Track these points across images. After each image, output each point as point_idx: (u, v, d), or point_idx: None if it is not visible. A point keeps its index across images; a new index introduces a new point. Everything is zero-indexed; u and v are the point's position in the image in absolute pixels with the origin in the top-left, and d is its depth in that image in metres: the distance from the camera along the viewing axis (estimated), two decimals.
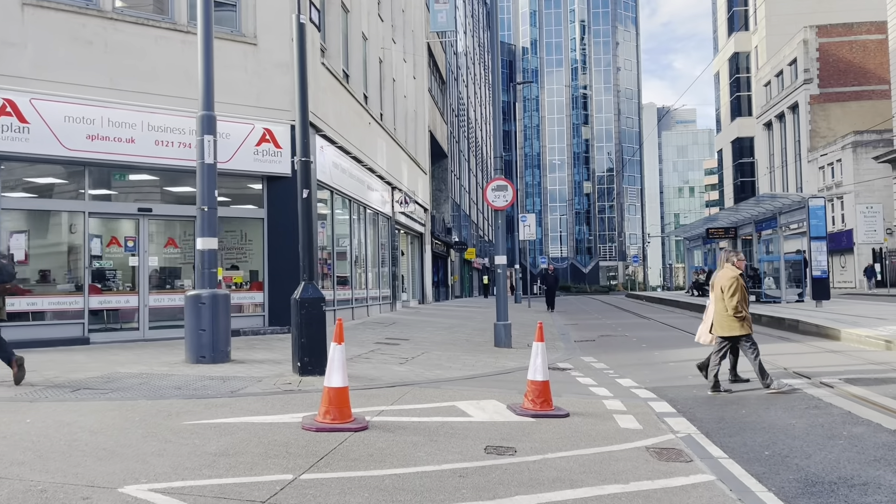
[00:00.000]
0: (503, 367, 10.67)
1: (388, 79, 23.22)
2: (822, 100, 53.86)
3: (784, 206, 22.85)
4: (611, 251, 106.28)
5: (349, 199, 18.07)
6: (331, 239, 16.79)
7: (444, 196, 38.90)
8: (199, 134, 10.00)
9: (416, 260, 29.96)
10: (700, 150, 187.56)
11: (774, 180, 61.43)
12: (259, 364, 9.90)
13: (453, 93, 44.63)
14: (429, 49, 32.82)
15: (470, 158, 55.86)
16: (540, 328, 7.61)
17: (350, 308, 17.93)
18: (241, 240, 15.14)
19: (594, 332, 18.05)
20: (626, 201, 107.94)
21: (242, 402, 7.31)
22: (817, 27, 54.37)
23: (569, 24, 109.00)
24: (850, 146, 47.02)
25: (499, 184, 13.48)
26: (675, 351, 12.93)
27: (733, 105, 72.12)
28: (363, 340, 13.39)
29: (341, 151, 16.86)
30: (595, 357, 12.36)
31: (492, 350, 12.89)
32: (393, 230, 23.48)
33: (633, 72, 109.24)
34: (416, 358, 11.26)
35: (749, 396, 8.22)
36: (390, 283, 23.05)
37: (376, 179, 20.82)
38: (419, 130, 29.55)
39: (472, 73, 61.23)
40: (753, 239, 26.89)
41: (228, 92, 13.34)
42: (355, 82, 18.82)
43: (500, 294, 13.55)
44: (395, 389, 8.31)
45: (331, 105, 15.72)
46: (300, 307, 8.68)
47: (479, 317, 22.24)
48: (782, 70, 58.89)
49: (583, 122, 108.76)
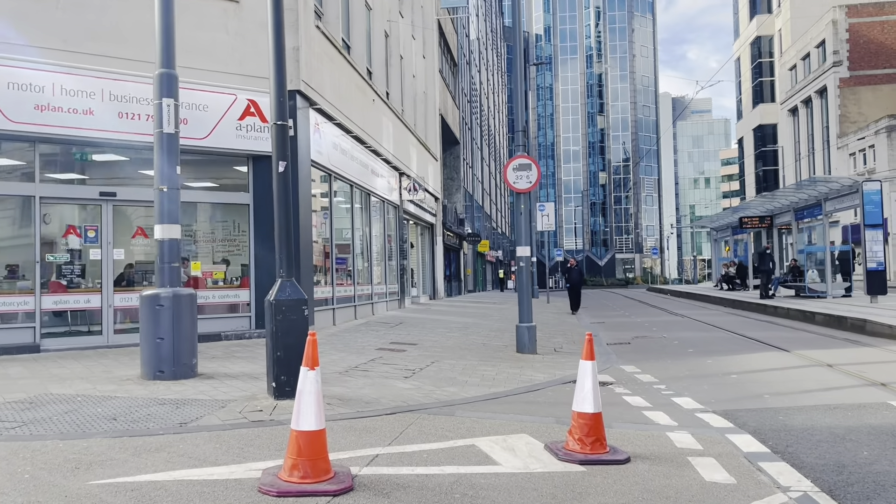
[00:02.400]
0: (530, 382, 8.76)
1: (394, 55, 21.28)
2: (852, 83, 51.35)
3: (832, 190, 20.71)
4: (627, 243, 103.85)
5: (351, 184, 16.16)
6: (330, 228, 14.90)
7: (455, 185, 36.94)
8: (157, 97, 8.12)
9: (426, 252, 28.06)
10: (716, 140, 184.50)
11: (800, 168, 58.97)
12: (230, 381, 8.03)
13: (466, 77, 42.59)
14: (440, 28, 30.82)
15: (483, 147, 53.83)
16: (589, 341, 5.67)
17: (353, 306, 16.06)
18: (233, 230, 13.27)
19: (626, 332, 16.09)
20: (643, 192, 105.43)
21: (190, 441, 5.44)
22: (847, 7, 51.83)
23: (583, 10, 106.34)
24: (884, 131, 44.58)
25: (521, 162, 11.52)
26: (731, 358, 10.95)
27: (755, 91, 69.60)
28: (363, 346, 11.49)
29: (341, 130, 14.96)
30: (637, 366, 10.41)
31: (514, 357, 10.97)
32: (401, 220, 21.58)
33: (650, 59, 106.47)
34: (425, 369, 9.36)
35: (860, 427, 6.24)
36: (398, 277, 21.16)
37: (382, 164, 18.91)
38: (429, 113, 27.60)
39: (484, 59, 59.12)
40: (793, 228, 24.77)
41: (206, 56, 11.47)
42: (358, 55, 16.90)
43: (522, 291, 11.61)
44: (397, 418, 6.42)
45: (327, 75, 13.81)
46: (275, 311, 6.80)
47: (496, 314, 20.31)
48: (809, 53, 56.36)
49: (598, 110, 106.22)
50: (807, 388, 8.08)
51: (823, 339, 13.14)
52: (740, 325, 16.51)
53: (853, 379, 8.61)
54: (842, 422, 6.45)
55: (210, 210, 12.98)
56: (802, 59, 58.06)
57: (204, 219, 13.03)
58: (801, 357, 10.67)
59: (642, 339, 14.28)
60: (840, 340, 12.78)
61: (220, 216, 13.02)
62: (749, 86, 71.15)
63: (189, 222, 12.97)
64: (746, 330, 15.13)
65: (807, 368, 9.59)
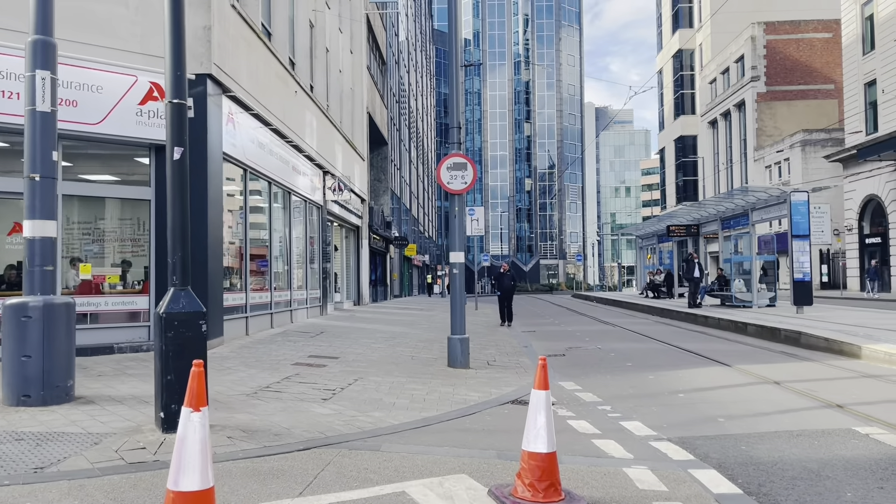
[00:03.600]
0: (465, 403, 7.86)
1: (320, 46, 20.10)
2: (768, 98, 53.09)
3: (759, 200, 20.77)
4: (551, 249, 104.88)
5: (270, 181, 14.92)
6: (245, 229, 13.62)
7: (383, 187, 35.87)
8: (30, 68, 6.82)
9: (351, 256, 26.89)
10: (637, 151, 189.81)
11: (719, 179, 60.63)
12: (114, 406, 6.80)
13: (394, 77, 41.58)
14: (368, 23, 29.74)
15: (411, 149, 52.92)
16: (542, 368, 4.82)
17: (269, 314, 14.80)
18: (137, 229, 11.84)
19: (558, 342, 15.44)
20: (568, 199, 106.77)
21: (40, 497, 4.26)
22: (765, 24, 53.60)
23: (512, 16, 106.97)
24: (798, 145, 46.17)
25: (456, 161, 10.64)
26: (673, 374, 10.35)
27: (677, 103, 71.29)
28: (279, 360, 10.34)
29: (259, 122, 13.73)
30: (576, 382, 9.67)
31: (445, 372, 10.06)
32: (325, 221, 20.39)
33: (576, 68, 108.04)
34: (347, 389, 8.32)
35: (834, 461, 5.59)
36: (321, 282, 19.94)
37: (304, 161, 17.70)
38: (356, 111, 26.47)
39: (413, 60, 58.27)
40: (720, 237, 24.90)
41: (102, 31, 10.12)
42: (279, 42, 15.68)
43: (455, 300, 10.71)
44: (312, 456, 5.39)
45: (244, 60, 12.58)
46: (165, 327, 5.66)
47: (424, 322, 19.38)
48: (728, 67, 58.05)
49: (525, 117, 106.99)
50: (761, 411, 7.49)
51: (760, 352, 12.79)
52: (674, 335, 16.14)
53: (806, 399, 8.09)
54: (811, 453, 5.81)
55: (111, 206, 11.57)
56: (722, 74, 59.75)
57: (104, 216, 11.61)
58: (744, 373, 10.18)
59: (577, 351, 13.63)
60: (777, 354, 12.45)
61: (122, 213, 11.61)
62: (671, 98, 72.83)
63: (87, 219, 11.53)
64: (681, 341, 14.71)
65: (754, 387, 9.06)
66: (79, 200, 11.08)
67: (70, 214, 10.99)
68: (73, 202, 10.98)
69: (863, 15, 38.15)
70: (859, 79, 38.41)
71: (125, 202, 11.44)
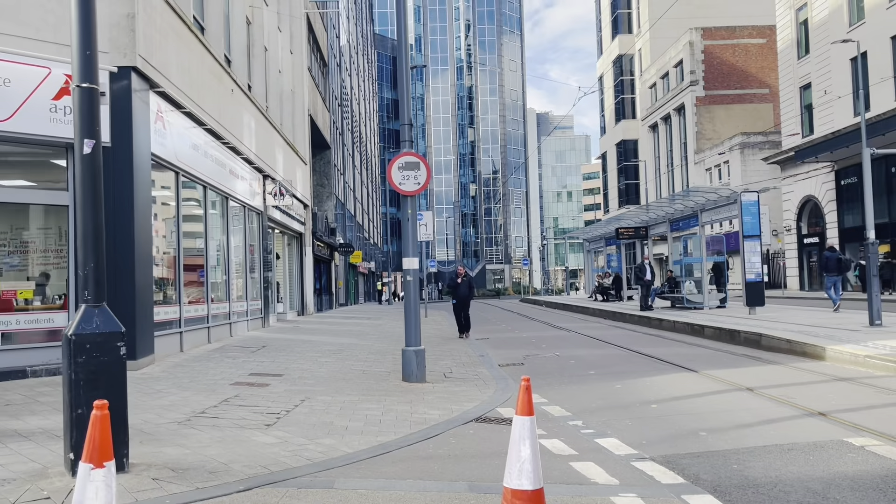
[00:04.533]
0: (425, 423, 7.15)
1: (258, 44, 19.12)
2: (707, 102, 54.08)
3: (709, 201, 20.68)
4: (497, 254, 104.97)
5: (205, 185, 13.91)
6: (177, 237, 12.58)
7: (326, 192, 34.83)
8: None
9: (294, 264, 25.83)
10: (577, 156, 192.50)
11: (661, 182, 61.50)
12: (19, 443, 5.84)
13: (336, 80, 40.59)
14: (308, 23, 28.77)
15: (355, 154, 51.90)
16: (526, 390, 4.15)
17: (206, 328, 13.76)
18: (59, 238, 10.72)
19: (515, 349, 14.86)
20: (512, 204, 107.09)
21: None
22: (702, 29, 54.62)
23: (454, 21, 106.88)
24: (737, 147, 47.06)
25: (408, 160, 9.92)
26: (640, 381, 9.85)
27: (617, 108, 72.16)
28: (216, 380, 9.41)
29: (192, 121, 12.73)
30: (541, 394, 9.06)
31: (401, 387, 9.32)
32: (265, 228, 19.37)
33: (518, 73, 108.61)
34: (294, 412, 7.49)
35: (837, 480, 5.07)
36: (262, 292, 18.90)
37: (243, 164, 16.70)
38: (297, 113, 25.47)
39: (355, 64, 57.30)
40: (668, 239, 24.82)
41: (8, 18, 9.10)
42: (213, 37, 14.70)
43: (410, 309, 9.98)
44: (254, 499, 4.58)
45: (174, 54, 11.60)
46: (75, 351, 4.77)
47: (373, 332, 18.56)
48: (668, 72, 58.97)
49: (468, 123, 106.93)
50: (744, 422, 6.99)
51: (723, 355, 12.45)
52: (631, 340, 15.75)
53: (786, 407, 7.64)
54: (810, 471, 5.29)
55: (28, 213, 10.45)
56: (662, 78, 60.69)
57: (21, 224, 10.48)
58: (713, 379, 9.75)
59: (535, 359, 13.06)
60: (740, 357, 12.12)
61: (42, 221, 10.50)
62: (612, 102, 73.70)
63: (2, 229, 10.39)
64: (640, 346, 14.31)
65: (728, 394, 8.60)
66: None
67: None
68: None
69: (797, 20, 39.06)
70: (795, 82, 39.28)
71: (46, 209, 10.34)
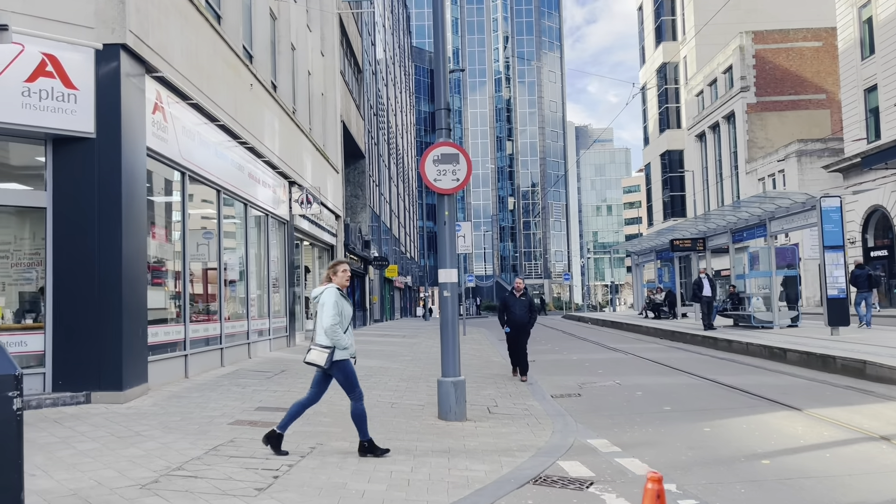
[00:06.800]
0: (468, 484, 5.41)
1: (284, 41, 17.71)
2: (758, 109, 51.49)
3: (780, 208, 18.53)
4: (536, 269, 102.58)
5: (218, 188, 12.40)
6: (183, 245, 11.06)
7: (360, 204, 33.39)
8: None
9: None
10: (617, 169, 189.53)
11: (708, 194, 58.88)
12: None
13: (372, 88, 39.28)
14: (341, 26, 27.46)
15: (391, 166, 50.57)
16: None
17: (219, 349, 12.20)
18: (33, 243, 9.14)
19: (567, 375, 13.00)
20: (552, 218, 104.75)
21: None
22: (753, 33, 52.18)
23: (492, 33, 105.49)
24: (794, 155, 44.44)
25: (445, 151, 8.23)
26: (732, 423, 7.93)
27: (661, 117, 69.74)
28: (212, 417, 7.76)
29: (202, 116, 11.25)
30: (611, 439, 7.25)
31: (436, 429, 7.58)
32: (292, 239, 17.85)
33: (558, 85, 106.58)
34: (298, 466, 5.79)
35: None
36: (286, 309, 17.35)
37: (264, 168, 15.22)
38: (329, 119, 24.06)
39: (392, 75, 56.14)
40: (730, 251, 22.65)
41: None
42: (231, 27, 13.27)
43: (448, 331, 8.24)
44: None
45: (177, 35, 10.13)
46: None
47: (406, 352, 16.85)
48: (716, 78, 56.53)
49: (507, 135, 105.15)
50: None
51: (823, 387, 10.42)
52: (701, 365, 13.75)
53: None
54: None
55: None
56: (709, 85, 58.24)
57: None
58: (827, 422, 7.77)
59: (593, 388, 11.19)
60: (845, 390, 10.07)
61: (11, 225, 9.04)
62: (655, 112, 71.31)
63: None
64: (715, 373, 12.32)
65: (859, 446, 6.66)
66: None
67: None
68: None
69: (860, 18, 36.57)
70: (858, 84, 36.72)
71: (10, 211, 8.85)
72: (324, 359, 6.04)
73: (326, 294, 6.13)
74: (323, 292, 6.17)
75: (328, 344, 6.06)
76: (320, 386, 6.28)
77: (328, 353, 6.04)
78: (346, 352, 6.17)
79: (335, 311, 6.08)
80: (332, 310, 6.06)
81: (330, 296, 6.11)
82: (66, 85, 8.10)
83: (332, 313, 6.05)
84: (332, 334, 6.04)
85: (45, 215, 8.36)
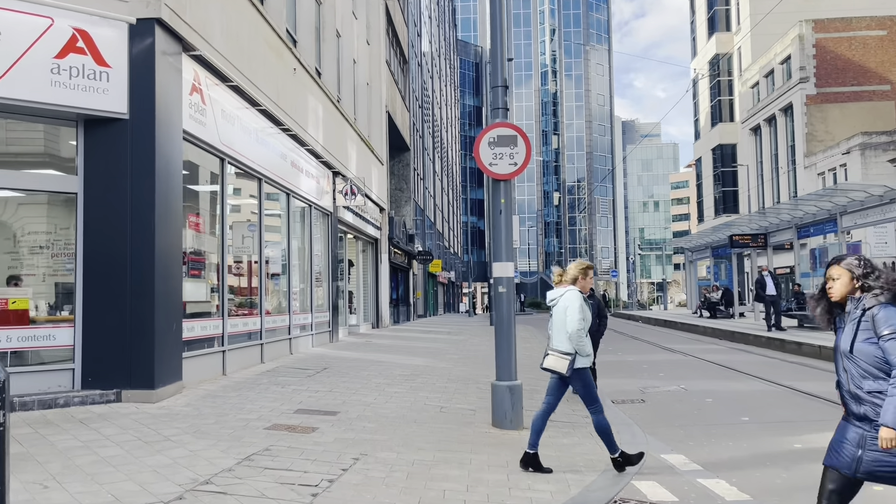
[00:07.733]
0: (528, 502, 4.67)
1: (329, 28, 17.15)
2: (819, 100, 49.32)
3: (853, 202, 17.29)
4: None
5: (260, 177, 11.87)
6: (222, 236, 10.53)
7: (405, 197, 32.83)
8: None
9: (369, 272, 23.80)
10: (665, 164, 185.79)
11: (763, 189, 56.78)
12: None
13: (417, 80, 38.67)
14: (387, 14, 26.86)
15: (435, 160, 49.94)
16: None
17: (258, 345, 11.68)
18: (66, 232, 8.62)
19: (626, 378, 12.17)
20: (598, 213, 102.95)
21: None
22: (814, 21, 49.97)
23: (538, 25, 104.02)
24: (857, 148, 42.33)
25: (501, 133, 7.50)
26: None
27: (714, 110, 67.60)
28: (249, 420, 7.17)
29: (242, 100, 10.72)
30: (688, 455, 6.45)
31: (491, 437, 6.87)
32: (335, 231, 17.32)
33: (605, 78, 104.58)
34: (338, 482, 5.13)
35: None
36: (330, 303, 16.82)
37: (308, 157, 14.68)
38: (374, 109, 23.49)
39: (437, 67, 55.47)
40: (795, 247, 21.39)
41: None
42: (274, 9, 12.73)
43: (502, 331, 7.51)
44: None
45: (217, 12, 9.59)
46: None
47: (453, 350, 16.16)
48: (773, 69, 54.40)
49: (553, 129, 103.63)
50: None
51: None
52: (772, 369, 12.75)
53: None
54: None
55: (16, 205, 8.50)
56: (766, 77, 56.10)
57: (10, 217, 8.56)
58: None
59: (657, 394, 10.34)
60: None
61: (38, 213, 8.59)
62: (707, 105, 69.18)
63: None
64: (790, 379, 11.33)
65: None
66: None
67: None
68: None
69: None
70: None
71: (38, 197, 8.37)
72: (565, 366, 5.62)
73: (572, 297, 5.71)
74: (564, 295, 5.78)
75: (569, 350, 5.63)
76: (557, 392, 5.88)
77: (569, 359, 5.61)
78: (588, 359, 5.69)
79: (581, 316, 5.61)
80: (579, 314, 5.61)
81: (577, 299, 5.69)
82: (97, 62, 7.59)
83: (579, 317, 5.60)
84: (578, 340, 5.59)
85: (76, 201, 7.88)
